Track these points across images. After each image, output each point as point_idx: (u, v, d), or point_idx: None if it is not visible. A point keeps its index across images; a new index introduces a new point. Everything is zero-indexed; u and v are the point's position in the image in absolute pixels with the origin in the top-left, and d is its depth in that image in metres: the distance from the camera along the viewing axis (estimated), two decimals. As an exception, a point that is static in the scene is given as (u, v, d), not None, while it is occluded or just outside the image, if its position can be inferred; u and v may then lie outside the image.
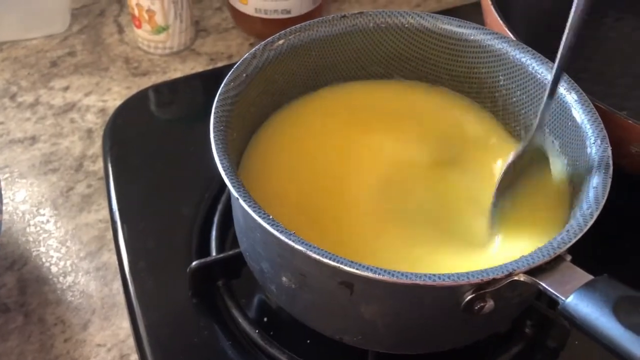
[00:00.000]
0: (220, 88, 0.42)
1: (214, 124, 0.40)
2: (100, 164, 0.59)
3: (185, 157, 0.58)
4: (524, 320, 0.46)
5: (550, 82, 0.41)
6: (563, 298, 0.32)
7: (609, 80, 0.63)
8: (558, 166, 0.44)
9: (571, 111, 0.43)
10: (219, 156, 0.38)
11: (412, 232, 0.42)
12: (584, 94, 0.43)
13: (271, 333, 0.46)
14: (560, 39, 0.38)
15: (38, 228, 0.55)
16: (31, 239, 0.54)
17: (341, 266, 0.33)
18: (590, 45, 0.65)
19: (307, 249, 0.34)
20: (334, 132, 0.48)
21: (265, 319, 0.48)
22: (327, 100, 0.50)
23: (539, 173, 0.43)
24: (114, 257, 0.52)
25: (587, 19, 0.37)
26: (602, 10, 0.67)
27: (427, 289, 0.33)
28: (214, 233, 0.52)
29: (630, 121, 0.45)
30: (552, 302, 0.35)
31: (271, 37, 0.46)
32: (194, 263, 0.47)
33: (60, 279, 0.52)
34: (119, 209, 0.54)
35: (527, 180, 0.43)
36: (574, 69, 0.47)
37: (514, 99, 0.48)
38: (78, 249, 0.54)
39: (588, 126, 0.42)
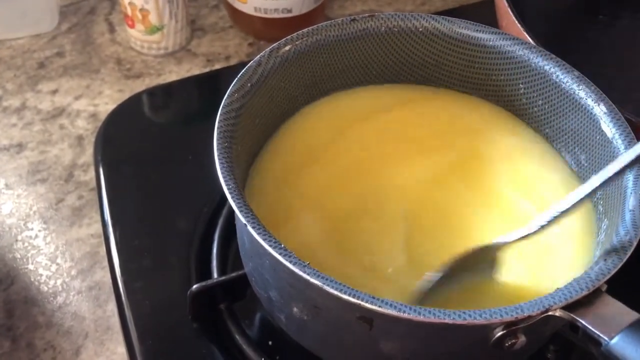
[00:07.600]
0: (224, 100, 0.39)
1: (217, 140, 0.37)
2: (91, 173, 0.56)
3: (183, 166, 0.55)
4: (547, 345, 0.44)
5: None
6: (607, 339, 0.30)
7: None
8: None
9: (600, 124, 0.40)
10: (224, 177, 0.35)
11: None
12: (614, 106, 0.40)
13: (277, 358, 0.44)
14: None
15: (26, 244, 0.52)
16: (18, 256, 0.51)
17: (362, 303, 0.30)
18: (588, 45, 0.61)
19: (323, 284, 0.31)
20: (347, 141, 0.45)
21: (270, 343, 0.45)
22: (339, 108, 0.47)
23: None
24: (108, 276, 0.49)
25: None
26: (595, 7, 0.63)
27: (455, 327, 0.31)
28: (214, 250, 0.49)
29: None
30: (575, 326, 0.32)
31: (277, 43, 0.43)
32: (194, 286, 0.44)
33: (50, 299, 0.48)
34: (112, 223, 0.51)
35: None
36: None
37: (535, 108, 0.45)
38: (69, 266, 0.50)
39: (620, 141, 0.39)
